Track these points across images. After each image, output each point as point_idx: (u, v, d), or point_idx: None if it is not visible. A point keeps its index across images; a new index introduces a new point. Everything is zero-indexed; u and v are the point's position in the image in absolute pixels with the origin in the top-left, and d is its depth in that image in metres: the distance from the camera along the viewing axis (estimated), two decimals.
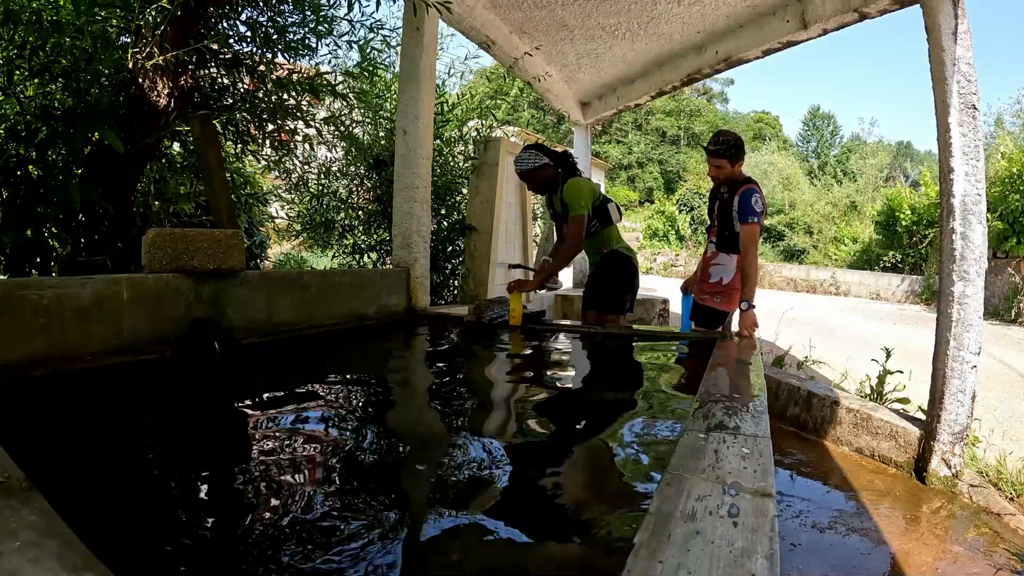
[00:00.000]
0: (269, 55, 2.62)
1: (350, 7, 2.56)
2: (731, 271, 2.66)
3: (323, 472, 1.05)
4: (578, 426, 1.46)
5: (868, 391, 3.16)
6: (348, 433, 1.29)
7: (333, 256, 4.62)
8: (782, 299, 9.85)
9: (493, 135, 4.49)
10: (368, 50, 3.29)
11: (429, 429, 1.40)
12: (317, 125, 3.30)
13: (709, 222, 2.82)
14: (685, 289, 2.97)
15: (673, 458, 0.90)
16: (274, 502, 0.93)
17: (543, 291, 2.67)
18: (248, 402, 1.47)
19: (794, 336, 5.02)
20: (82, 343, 1.50)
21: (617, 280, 2.86)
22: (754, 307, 2.37)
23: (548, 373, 2.01)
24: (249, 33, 2.61)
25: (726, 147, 2.60)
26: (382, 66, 3.81)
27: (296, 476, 1.03)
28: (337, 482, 1.02)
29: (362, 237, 4.38)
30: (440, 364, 2.14)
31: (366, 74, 3.53)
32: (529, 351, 2.30)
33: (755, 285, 2.45)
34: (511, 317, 2.55)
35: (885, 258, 12.46)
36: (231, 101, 2.81)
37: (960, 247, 2.28)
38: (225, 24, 2.58)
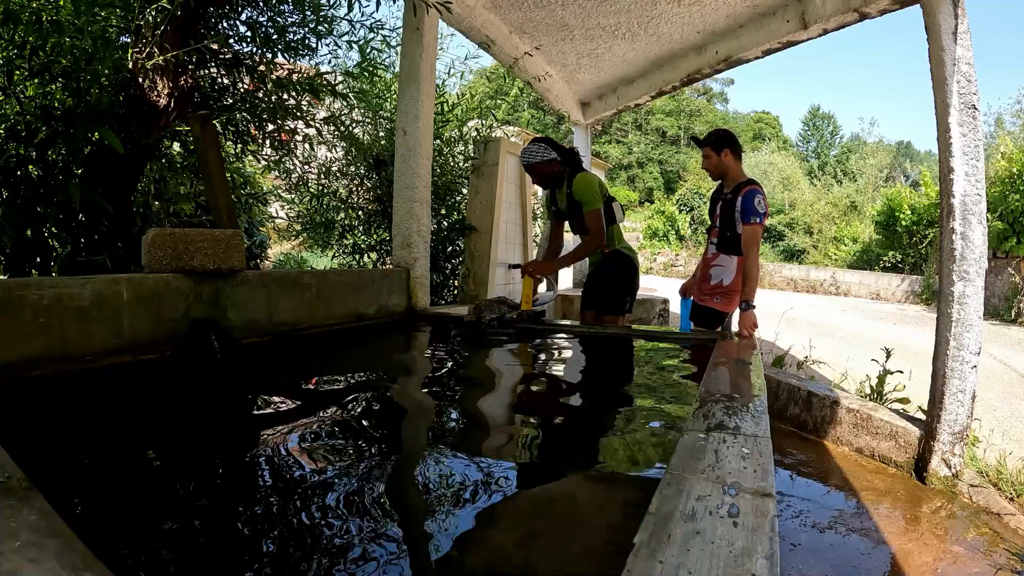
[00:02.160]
0: (269, 55, 2.62)
1: (350, 7, 2.56)
2: (732, 273, 2.65)
3: (323, 471, 1.05)
4: (577, 426, 1.46)
5: (868, 391, 3.16)
6: (348, 433, 1.29)
7: (333, 256, 4.62)
8: (782, 299, 9.85)
9: (493, 135, 4.50)
10: (368, 50, 3.29)
11: (429, 429, 1.40)
12: (317, 125, 3.30)
13: (710, 223, 2.82)
14: (684, 292, 2.96)
15: (673, 458, 0.90)
16: (274, 502, 0.93)
17: (537, 305, 2.71)
18: (248, 402, 1.47)
19: (794, 336, 5.02)
20: (82, 343, 1.49)
21: (618, 280, 2.85)
22: (754, 307, 2.37)
23: (547, 373, 2.01)
24: (249, 33, 2.61)
25: (708, 135, 2.66)
26: (382, 66, 3.81)
27: (296, 476, 1.03)
28: (338, 482, 1.02)
29: (362, 237, 4.38)
30: (440, 364, 2.14)
31: (366, 74, 3.53)
32: (528, 351, 2.30)
33: (755, 285, 2.45)
34: (523, 301, 2.59)
35: (885, 258, 12.46)
36: (231, 101, 2.81)
37: (960, 247, 2.28)
38: (225, 24, 2.58)
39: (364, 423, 1.37)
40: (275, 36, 2.60)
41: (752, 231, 2.48)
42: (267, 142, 3.17)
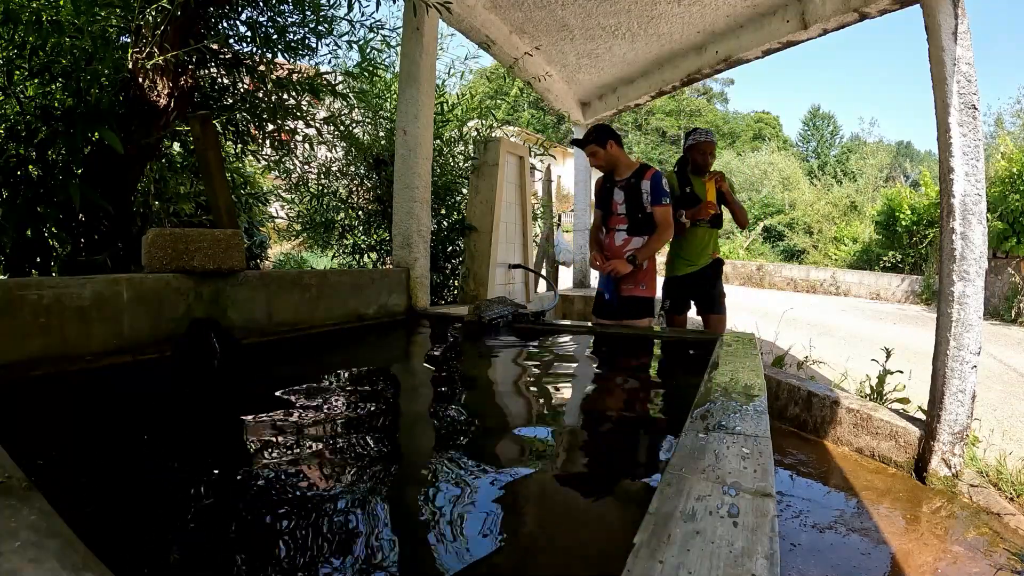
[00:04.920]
0: (269, 55, 2.62)
1: (350, 7, 2.56)
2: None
3: (323, 472, 1.05)
4: (577, 426, 1.46)
5: (868, 391, 3.16)
6: (348, 433, 1.29)
7: (333, 256, 4.62)
8: (782, 299, 9.85)
9: (493, 135, 4.49)
10: (368, 50, 3.29)
11: (428, 430, 1.40)
12: (317, 125, 3.30)
13: (611, 212, 2.81)
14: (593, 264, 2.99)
15: (673, 458, 0.90)
16: (274, 502, 0.93)
17: (544, 306, 2.83)
18: (248, 402, 1.47)
19: (794, 336, 5.03)
20: (82, 343, 1.49)
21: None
22: (636, 265, 2.65)
23: (547, 374, 2.01)
24: (249, 33, 2.61)
25: (586, 133, 2.76)
26: (382, 66, 3.81)
27: (296, 476, 1.03)
28: (337, 482, 1.02)
29: (362, 237, 4.38)
30: (440, 364, 2.14)
31: (366, 74, 3.53)
32: (528, 351, 2.30)
33: (652, 254, 2.70)
34: (707, 206, 2.86)
35: (885, 258, 12.45)
36: (231, 101, 2.81)
37: (960, 247, 2.28)
38: (225, 24, 2.58)
39: (363, 423, 1.37)
40: (275, 36, 2.60)
41: (664, 211, 2.66)
42: (267, 142, 3.17)
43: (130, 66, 2.14)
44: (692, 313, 3.34)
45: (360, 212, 4.37)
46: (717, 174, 2.96)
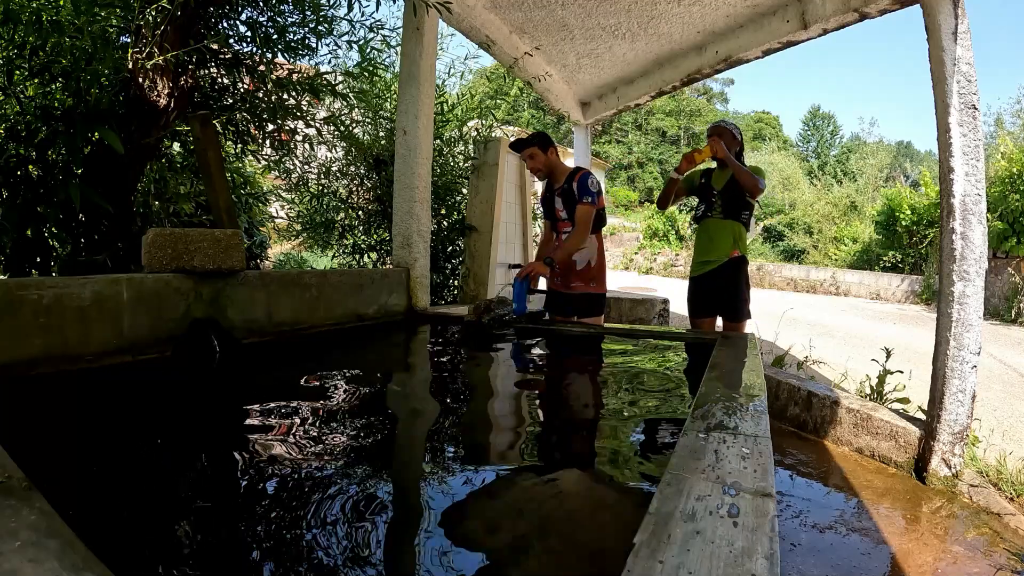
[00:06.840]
0: (269, 55, 2.62)
1: (350, 7, 2.56)
2: (595, 252, 2.71)
3: (323, 473, 1.05)
4: (577, 427, 1.46)
5: (868, 391, 3.16)
6: (347, 434, 1.29)
7: (333, 256, 4.63)
8: (782, 299, 9.85)
9: (493, 135, 4.49)
10: (368, 50, 3.29)
11: (427, 430, 1.40)
12: (317, 125, 3.30)
13: (555, 219, 2.80)
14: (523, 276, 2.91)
15: (673, 458, 0.90)
16: (273, 503, 0.93)
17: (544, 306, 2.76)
18: (248, 402, 1.47)
19: (794, 336, 5.03)
20: (82, 343, 1.49)
21: (748, 288, 2.95)
22: (553, 267, 2.56)
23: (547, 374, 2.01)
24: (249, 33, 2.61)
25: (529, 137, 2.70)
26: (382, 66, 3.81)
27: (294, 477, 1.03)
28: (335, 481, 1.02)
29: (362, 237, 4.38)
30: (440, 365, 2.14)
31: (366, 74, 3.53)
32: (528, 351, 2.30)
33: (568, 256, 2.61)
34: (702, 153, 2.71)
35: (885, 258, 12.45)
36: (231, 101, 2.81)
37: (960, 247, 2.28)
38: (225, 24, 2.58)
39: (363, 424, 1.37)
40: (275, 36, 2.60)
41: (585, 211, 2.54)
42: (267, 142, 3.17)
43: (130, 66, 2.14)
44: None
45: (360, 212, 4.37)
46: (712, 139, 2.83)
